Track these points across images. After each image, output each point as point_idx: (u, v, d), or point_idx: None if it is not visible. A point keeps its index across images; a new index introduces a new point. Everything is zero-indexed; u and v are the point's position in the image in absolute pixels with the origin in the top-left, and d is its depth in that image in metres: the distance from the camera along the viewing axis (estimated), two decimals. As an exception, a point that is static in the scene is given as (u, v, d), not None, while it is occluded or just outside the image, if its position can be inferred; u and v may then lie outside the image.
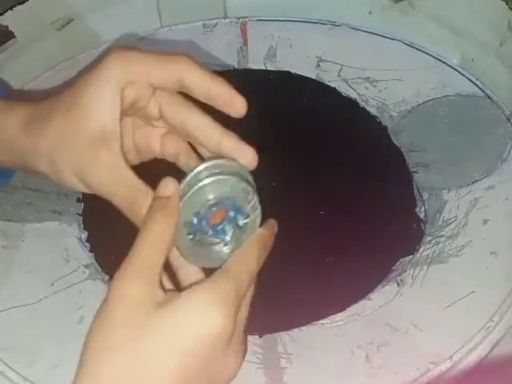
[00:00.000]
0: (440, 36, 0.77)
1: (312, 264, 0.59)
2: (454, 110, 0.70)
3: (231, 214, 0.38)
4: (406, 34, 0.77)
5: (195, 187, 0.37)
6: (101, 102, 0.39)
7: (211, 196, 0.38)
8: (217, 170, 0.38)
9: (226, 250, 0.39)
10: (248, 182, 0.39)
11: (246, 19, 0.80)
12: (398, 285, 0.57)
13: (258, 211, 0.39)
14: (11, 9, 0.73)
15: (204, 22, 0.80)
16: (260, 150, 0.67)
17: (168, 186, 0.37)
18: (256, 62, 0.77)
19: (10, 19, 0.73)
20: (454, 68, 0.74)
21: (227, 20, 0.80)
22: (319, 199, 0.64)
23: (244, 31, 0.79)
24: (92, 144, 0.39)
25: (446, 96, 0.71)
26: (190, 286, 0.36)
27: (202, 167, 0.38)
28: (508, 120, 0.68)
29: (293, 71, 0.75)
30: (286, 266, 0.59)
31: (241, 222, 0.39)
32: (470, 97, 0.71)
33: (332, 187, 0.65)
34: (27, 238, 0.61)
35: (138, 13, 0.80)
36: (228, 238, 0.39)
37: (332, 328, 0.55)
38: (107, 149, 0.39)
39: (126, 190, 0.39)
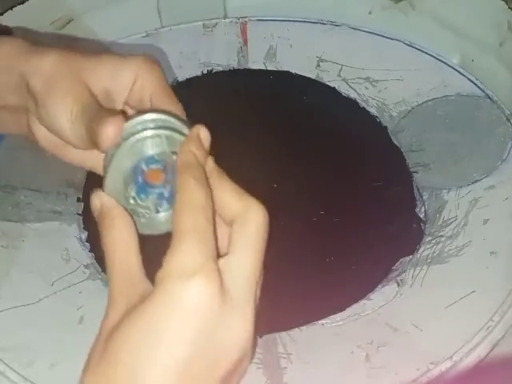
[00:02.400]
0: (440, 36, 0.77)
1: (312, 264, 0.59)
2: (454, 110, 0.70)
3: (169, 176, 0.36)
4: (406, 34, 0.77)
5: (135, 137, 0.35)
6: None
7: (151, 151, 0.35)
8: (161, 124, 0.36)
9: (167, 215, 0.37)
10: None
11: (245, 19, 0.80)
12: (398, 285, 0.57)
13: None
14: (11, 9, 0.73)
15: (204, 22, 0.80)
16: (260, 151, 0.67)
17: (95, 200, 0.36)
18: (256, 62, 0.77)
19: (10, 19, 0.73)
20: (454, 68, 0.74)
21: (227, 20, 0.80)
22: (319, 199, 0.64)
23: (244, 31, 0.79)
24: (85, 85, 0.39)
25: (445, 96, 0.71)
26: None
27: (146, 117, 0.36)
28: (508, 120, 0.68)
29: (293, 71, 0.75)
30: (285, 266, 0.59)
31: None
32: (470, 97, 0.71)
33: (332, 187, 0.65)
34: (27, 238, 0.61)
35: (138, 13, 0.80)
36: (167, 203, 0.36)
37: (332, 328, 0.55)
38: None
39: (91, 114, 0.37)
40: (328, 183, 0.65)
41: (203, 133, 0.37)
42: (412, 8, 0.79)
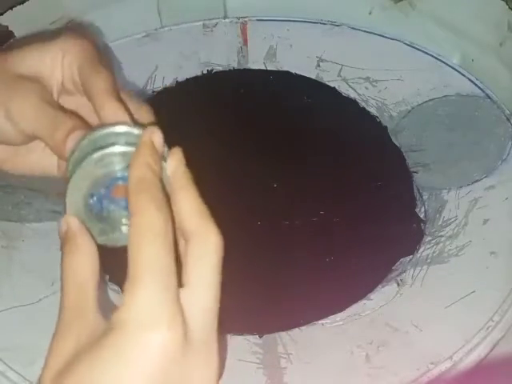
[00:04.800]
0: (440, 36, 0.77)
1: (312, 264, 0.59)
2: (454, 110, 0.70)
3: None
4: (406, 34, 0.77)
5: (99, 152, 0.33)
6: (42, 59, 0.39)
7: (118, 167, 0.33)
8: (127, 139, 0.34)
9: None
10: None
11: (245, 19, 0.80)
12: (398, 285, 0.57)
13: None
14: (11, 9, 0.73)
15: (204, 22, 0.80)
16: (260, 150, 0.67)
17: (63, 223, 0.34)
18: (256, 62, 0.77)
19: (10, 19, 0.73)
20: (454, 68, 0.74)
21: (227, 20, 0.80)
22: (319, 199, 0.64)
23: (244, 31, 0.79)
24: (21, 76, 0.39)
25: (445, 96, 0.71)
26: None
27: (111, 130, 0.34)
28: (508, 120, 0.68)
29: (293, 71, 0.75)
30: (286, 266, 0.59)
31: None
32: (470, 97, 0.71)
33: (332, 187, 0.65)
34: (27, 237, 0.61)
35: (138, 13, 0.80)
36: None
37: (332, 328, 0.55)
38: (37, 81, 0.39)
39: (50, 113, 0.37)
40: (328, 183, 0.65)
41: (157, 137, 0.33)
42: (412, 8, 0.79)
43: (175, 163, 0.33)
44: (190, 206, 0.32)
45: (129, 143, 0.34)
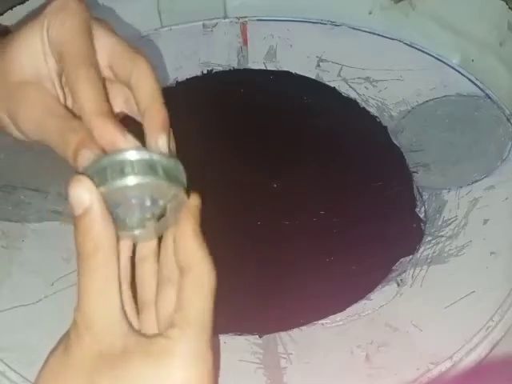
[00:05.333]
0: (440, 36, 0.77)
1: (312, 264, 0.59)
2: (454, 110, 0.70)
3: (148, 203, 0.35)
4: (406, 34, 0.77)
5: (116, 183, 0.34)
6: (31, 45, 0.39)
7: (133, 194, 0.34)
8: (146, 167, 0.34)
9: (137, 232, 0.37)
10: (178, 183, 0.35)
11: (245, 19, 0.80)
12: (398, 285, 0.57)
13: (180, 199, 0.36)
14: (11, 9, 0.73)
15: (204, 22, 0.80)
16: (260, 151, 0.67)
17: (83, 192, 0.33)
18: (256, 62, 0.77)
19: (10, 19, 0.73)
20: (454, 68, 0.74)
21: (227, 20, 0.80)
22: (319, 199, 0.64)
23: (244, 31, 0.79)
24: (22, 83, 0.38)
25: (445, 96, 0.71)
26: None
27: (129, 157, 0.34)
28: (508, 120, 0.68)
29: (293, 71, 0.75)
30: (286, 266, 0.59)
31: (156, 211, 0.36)
32: (470, 97, 0.71)
33: (332, 187, 0.65)
34: (27, 238, 0.61)
35: (137, 13, 0.80)
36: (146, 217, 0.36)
37: (332, 328, 0.55)
38: (38, 87, 0.38)
39: (57, 125, 0.37)
40: (328, 183, 0.65)
41: (199, 204, 0.36)
42: (412, 8, 0.79)
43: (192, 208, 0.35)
44: (188, 242, 0.34)
45: (140, 171, 0.34)
